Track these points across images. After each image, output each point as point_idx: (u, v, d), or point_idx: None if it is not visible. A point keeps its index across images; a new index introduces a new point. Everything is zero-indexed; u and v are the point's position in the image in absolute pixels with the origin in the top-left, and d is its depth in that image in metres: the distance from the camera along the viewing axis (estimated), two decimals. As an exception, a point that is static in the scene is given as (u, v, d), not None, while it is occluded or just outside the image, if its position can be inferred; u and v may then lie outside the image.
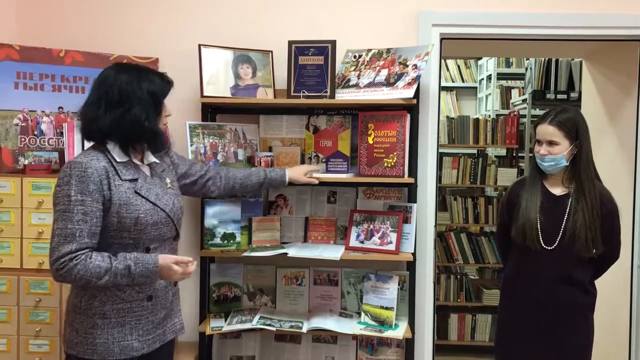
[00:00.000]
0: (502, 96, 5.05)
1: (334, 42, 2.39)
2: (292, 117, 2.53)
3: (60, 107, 2.41)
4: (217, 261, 2.53)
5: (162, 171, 1.85)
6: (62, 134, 2.33)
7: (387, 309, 2.36)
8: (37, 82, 2.37)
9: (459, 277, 4.15)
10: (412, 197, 2.43)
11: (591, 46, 3.24)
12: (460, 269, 4.32)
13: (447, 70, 5.46)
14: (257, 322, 2.35)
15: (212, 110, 2.53)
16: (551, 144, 2.09)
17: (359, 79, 2.43)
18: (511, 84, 5.11)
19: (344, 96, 2.40)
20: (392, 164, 2.33)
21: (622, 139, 3.05)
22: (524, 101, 4.49)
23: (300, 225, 2.56)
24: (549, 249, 2.10)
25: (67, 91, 2.42)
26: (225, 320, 2.40)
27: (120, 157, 1.70)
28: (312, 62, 2.39)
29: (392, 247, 2.35)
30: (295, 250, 2.34)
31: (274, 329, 2.33)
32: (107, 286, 1.64)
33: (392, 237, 2.37)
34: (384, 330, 2.33)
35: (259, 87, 2.45)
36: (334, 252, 2.32)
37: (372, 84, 2.38)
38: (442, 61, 2.85)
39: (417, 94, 2.35)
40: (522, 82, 4.91)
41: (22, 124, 2.34)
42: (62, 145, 2.33)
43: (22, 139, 2.34)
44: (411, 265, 2.42)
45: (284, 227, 2.53)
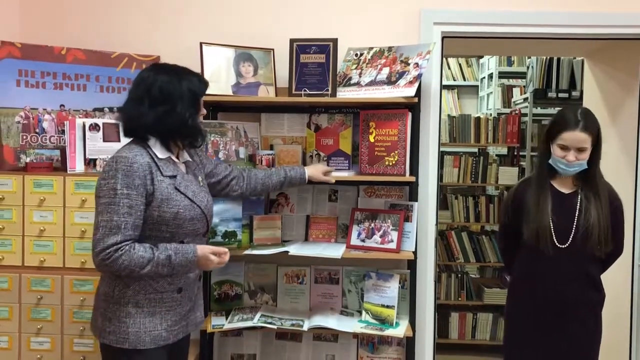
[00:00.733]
0: (504, 95, 5.04)
1: (335, 40, 2.39)
2: (293, 115, 2.54)
3: (61, 105, 2.41)
4: (218, 259, 2.53)
5: (194, 169, 1.92)
6: (63, 132, 2.33)
7: (388, 307, 2.36)
8: (38, 80, 2.37)
9: (459, 275, 4.15)
10: (413, 196, 2.43)
11: (593, 45, 3.23)
12: (461, 268, 4.32)
13: (449, 68, 5.44)
14: (258, 320, 2.35)
15: (214, 108, 2.53)
16: (580, 150, 2.05)
17: (360, 77, 2.43)
18: (513, 82, 5.09)
19: (345, 94, 2.40)
20: (393, 162, 2.33)
21: (623, 137, 3.05)
22: (525, 100, 4.48)
23: (301, 223, 2.56)
24: (562, 247, 2.09)
25: (69, 89, 2.42)
26: (226, 318, 2.41)
27: (162, 154, 1.77)
28: (314, 60, 2.39)
29: (393, 245, 2.35)
30: (296, 248, 2.34)
31: (275, 327, 2.33)
32: (149, 275, 1.69)
33: (393, 235, 2.37)
34: (385, 328, 2.33)
35: (261, 85, 2.45)
36: (335, 251, 2.32)
37: (373, 83, 2.38)
38: (444, 60, 2.84)
39: (418, 93, 2.34)
40: (524, 80, 4.89)
41: (24, 122, 2.34)
42: (64, 143, 2.33)
43: (24, 137, 2.35)
44: (412, 263, 2.41)
45: (285, 226, 2.53)
